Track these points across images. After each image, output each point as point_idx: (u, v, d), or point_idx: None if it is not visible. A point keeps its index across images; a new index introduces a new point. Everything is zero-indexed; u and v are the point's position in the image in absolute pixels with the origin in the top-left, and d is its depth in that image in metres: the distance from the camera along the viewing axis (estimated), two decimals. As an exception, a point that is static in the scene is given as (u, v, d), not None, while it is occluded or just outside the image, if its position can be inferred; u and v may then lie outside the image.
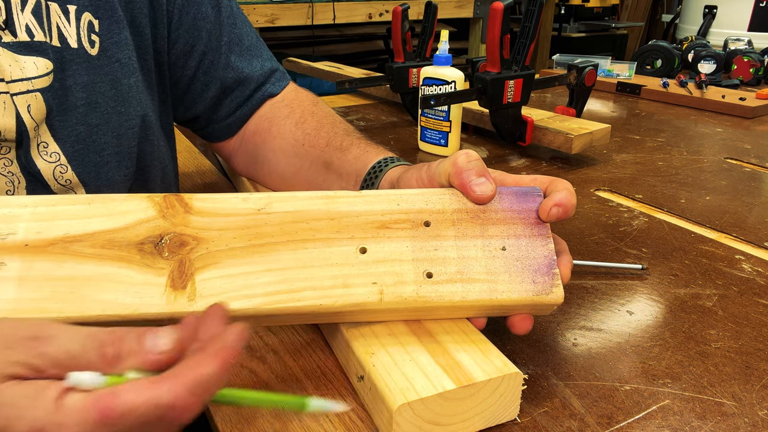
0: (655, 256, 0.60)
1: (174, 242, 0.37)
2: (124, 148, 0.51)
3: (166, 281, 0.36)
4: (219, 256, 0.37)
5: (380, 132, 1.06)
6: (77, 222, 0.36)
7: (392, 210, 0.40)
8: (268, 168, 0.65)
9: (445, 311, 0.39)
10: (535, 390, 0.41)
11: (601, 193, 0.78)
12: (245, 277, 0.37)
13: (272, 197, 0.40)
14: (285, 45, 2.67)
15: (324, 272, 0.38)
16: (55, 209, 0.37)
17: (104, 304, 0.34)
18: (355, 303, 0.37)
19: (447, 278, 0.38)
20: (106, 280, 0.35)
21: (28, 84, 0.44)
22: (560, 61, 1.57)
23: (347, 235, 0.39)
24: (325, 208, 0.40)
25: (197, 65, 0.60)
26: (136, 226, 0.37)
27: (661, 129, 1.09)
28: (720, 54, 1.46)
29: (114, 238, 0.37)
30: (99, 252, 0.36)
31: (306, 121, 0.62)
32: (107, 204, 0.38)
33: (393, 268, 0.38)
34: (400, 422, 0.34)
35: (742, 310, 0.51)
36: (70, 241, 0.36)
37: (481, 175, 0.41)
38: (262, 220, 0.39)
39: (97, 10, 0.49)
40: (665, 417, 0.39)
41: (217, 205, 0.39)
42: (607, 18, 3.57)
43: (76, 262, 0.35)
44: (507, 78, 0.83)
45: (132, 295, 0.35)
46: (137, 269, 0.36)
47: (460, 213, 0.41)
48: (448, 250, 0.39)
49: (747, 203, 0.74)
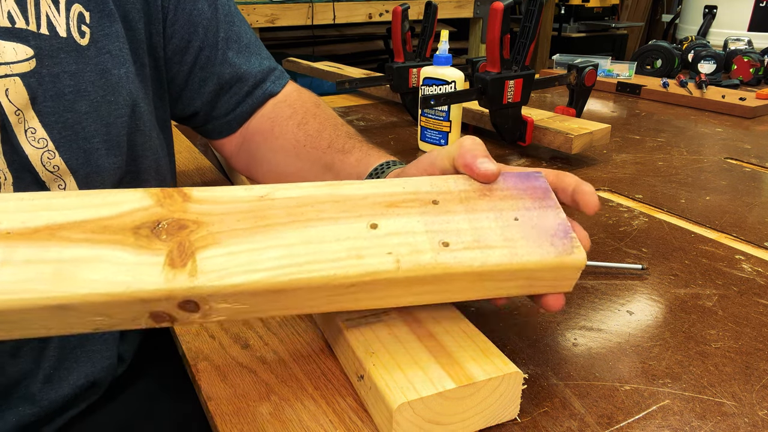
0: (655, 256, 0.60)
1: (173, 226, 0.35)
2: (113, 137, 0.51)
3: (164, 260, 0.33)
4: (220, 236, 0.35)
5: (380, 132, 1.06)
6: (67, 212, 0.34)
7: (398, 192, 0.40)
8: (268, 168, 0.65)
9: (466, 280, 0.37)
10: (535, 390, 0.41)
11: (601, 193, 0.78)
12: (249, 253, 0.34)
13: (275, 186, 0.39)
14: (285, 45, 2.68)
15: (334, 246, 0.35)
16: (42, 201, 0.34)
17: (93, 284, 0.31)
18: (371, 272, 0.35)
19: (464, 246, 0.37)
20: (96, 261, 0.32)
21: (6, 68, 0.45)
22: (560, 61, 1.57)
23: (355, 213, 0.38)
24: (329, 192, 0.39)
25: (194, 61, 0.60)
26: (132, 213, 0.35)
27: (661, 129, 1.09)
28: (720, 54, 1.46)
29: (106, 225, 0.34)
30: (89, 237, 0.33)
31: (308, 122, 0.62)
32: (100, 195, 0.36)
33: (407, 239, 0.37)
34: (400, 421, 0.34)
35: (742, 310, 0.51)
36: (57, 228, 0.33)
37: (485, 156, 0.41)
38: (265, 205, 0.37)
39: (89, 3, 0.49)
40: (665, 417, 0.39)
41: (218, 194, 0.37)
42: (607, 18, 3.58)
43: (62, 246, 0.32)
44: (507, 78, 0.83)
45: (125, 274, 0.32)
46: (132, 251, 0.33)
47: (467, 192, 0.40)
48: (461, 222, 0.38)
49: (747, 203, 0.74)
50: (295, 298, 0.35)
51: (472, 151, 0.41)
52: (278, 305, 0.35)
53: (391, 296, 0.37)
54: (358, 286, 0.35)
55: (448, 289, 0.38)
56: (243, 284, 0.33)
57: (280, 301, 0.35)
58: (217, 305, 0.34)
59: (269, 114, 0.65)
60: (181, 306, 0.33)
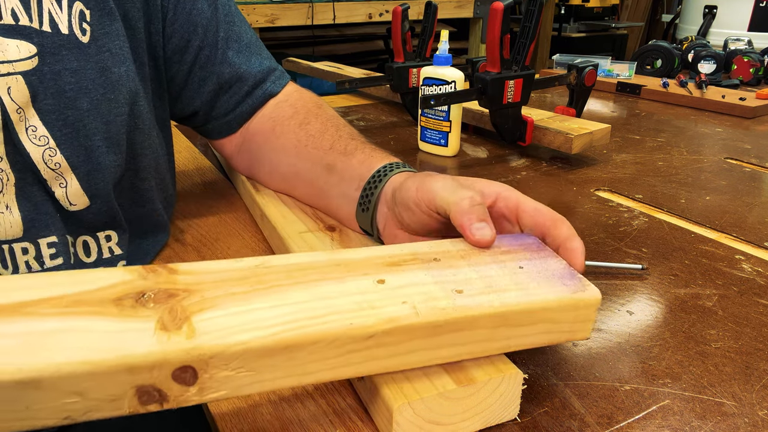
0: (655, 256, 0.60)
1: (160, 295, 0.31)
2: (113, 135, 0.51)
3: (154, 325, 0.29)
4: (217, 300, 0.31)
5: (380, 132, 1.06)
6: (34, 291, 0.30)
7: (398, 253, 0.39)
8: (269, 168, 0.65)
9: (488, 325, 0.35)
10: (535, 390, 0.41)
11: (601, 193, 0.78)
12: (254, 312, 0.31)
13: (269, 257, 0.37)
14: (285, 45, 2.68)
15: (344, 300, 0.33)
16: (3, 283, 0.30)
17: (68, 352, 0.26)
18: (390, 318, 0.32)
19: (478, 291, 0.36)
20: (71, 332, 0.27)
21: (9, 66, 0.45)
22: (560, 61, 1.57)
23: (360, 272, 0.36)
24: (329, 257, 0.38)
25: (193, 60, 0.60)
26: (111, 287, 0.31)
27: (661, 129, 1.09)
28: (720, 54, 1.46)
29: (82, 299, 0.30)
30: (62, 311, 0.29)
31: (310, 122, 0.62)
32: (73, 274, 0.31)
33: (419, 289, 0.35)
34: (401, 422, 0.34)
35: (742, 310, 0.51)
36: (23, 305, 0.29)
37: (482, 220, 0.40)
38: (262, 271, 0.35)
39: (89, 1, 0.49)
40: (665, 417, 0.39)
41: (207, 266, 0.34)
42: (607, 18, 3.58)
43: (30, 319, 0.28)
44: (507, 78, 0.83)
45: (107, 341, 0.27)
46: (115, 319, 0.29)
47: (465, 251, 0.40)
48: (468, 273, 0.38)
49: (747, 203, 0.74)
50: (307, 357, 0.31)
51: (469, 214, 0.40)
52: (287, 370, 0.31)
53: (409, 351, 0.34)
54: (375, 338, 0.32)
55: (469, 338, 0.35)
56: (251, 341, 0.29)
57: (291, 362, 0.31)
58: (219, 373, 0.29)
59: (270, 114, 0.65)
60: (176, 376, 0.28)
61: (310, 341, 0.30)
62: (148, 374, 0.27)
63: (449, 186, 0.42)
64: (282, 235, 0.55)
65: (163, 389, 0.28)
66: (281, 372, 0.31)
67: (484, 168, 0.88)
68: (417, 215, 0.45)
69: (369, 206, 0.50)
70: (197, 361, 0.28)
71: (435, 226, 0.45)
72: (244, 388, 0.30)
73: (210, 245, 0.61)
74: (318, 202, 0.60)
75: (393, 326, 0.32)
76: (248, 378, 0.30)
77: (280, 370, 0.31)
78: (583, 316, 0.38)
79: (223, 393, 0.30)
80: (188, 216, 0.68)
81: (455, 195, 0.41)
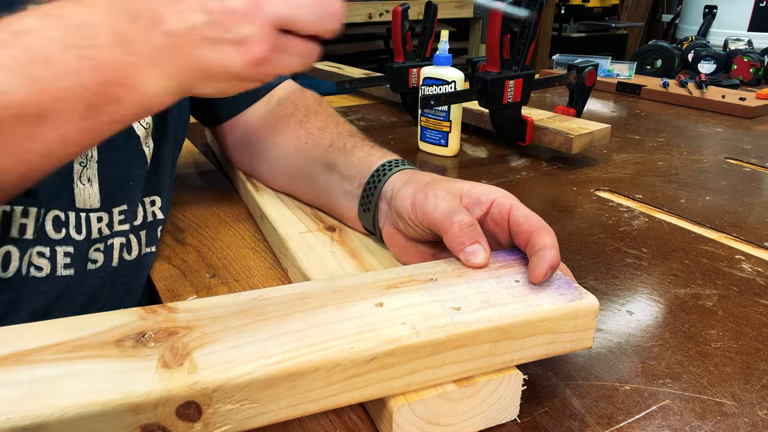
0: (655, 256, 0.60)
1: (161, 334, 0.32)
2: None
3: (156, 363, 0.29)
4: (217, 335, 0.32)
5: (380, 132, 1.06)
6: (35, 339, 0.31)
7: (394, 276, 0.40)
8: (269, 164, 0.65)
9: (488, 339, 0.35)
10: (535, 390, 0.41)
11: (601, 193, 0.78)
12: (255, 344, 0.31)
13: (266, 289, 0.37)
14: (285, 45, 2.67)
15: (344, 325, 0.34)
16: (7, 333, 0.31)
17: (74, 396, 0.27)
18: (390, 339, 0.33)
19: (476, 307, 0.36)
20: (75, 375, 0.28)
21: None
22: (560, 61, 1.57)
23: (358, 297, 0.37)
24: (326, 285, 0.38)
25: None
26: (111, 330, 0.32)
27: (661, 129, 1.09)
28: (720, 54, 1.46)
29: (83, 343, 0.30)
30: (64, 356, 0.29)
31: (310, 119, 0.63)
32: (74, 321, 0.32)
33: (417, 310, 0.36)
34: (400, 422, 0.34)
35: (742, 310, 0.51)
36: (25, 354, 0.29)
37: (475, 242, 0.41)
38: (260, 304, 0.35)
39: None
40: (665, 417, 0.39)
41: (205, 302, 0.35)
42: (607, 18, 3.58)
43: (33, 366, 0.29)
44: (507, 78, 0.83)
45: (110, 382, 0.28)
46: (116, 360, 0.30)
47: (461, 269, 0.40)
48: (465, 290, 0.38)
49: (747, 203, 0.74)
50: (310, 384, 0.31)
51: (460, 239, 0.40)
52: (291, 399, 0.31)
53: (412, 371, 0.34)
54: (377, 360, 0.32)
55: (471, 355, 0.35)
56: (253, 372, 0.30)
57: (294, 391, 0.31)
58: (223, 407, 0.30)
59: (272, 110, 0.66)
60: (179, 412, 0.29)
61: (312, 368, 0.31)
62: (152, 412, 0.28)
63: (441, 208, 0.42)
64: (282, 236, 0.55)
65: (167, 427, 0.29)
66: (285, 402, 0.31)
67: (484, 168, 0.88)
68: (412, 228, 0.45)
69: (370, 206, 0.50)
70: (200, 395, 0.29)
71: (429, 238, 0.45)
72: (248, 421, 0.31)
73: (210, 245, 0.61)
74: (319, 201, 0.60)
75: (394, 347, 0.33)
76: (252, 410, 0.30)
77: (284, 399, 0.31)
78: (583, 325, 0.38)
79: (227, 428, 0.30)
80: (188, 216, 0.68)
81: (447, 219, 0.41)
